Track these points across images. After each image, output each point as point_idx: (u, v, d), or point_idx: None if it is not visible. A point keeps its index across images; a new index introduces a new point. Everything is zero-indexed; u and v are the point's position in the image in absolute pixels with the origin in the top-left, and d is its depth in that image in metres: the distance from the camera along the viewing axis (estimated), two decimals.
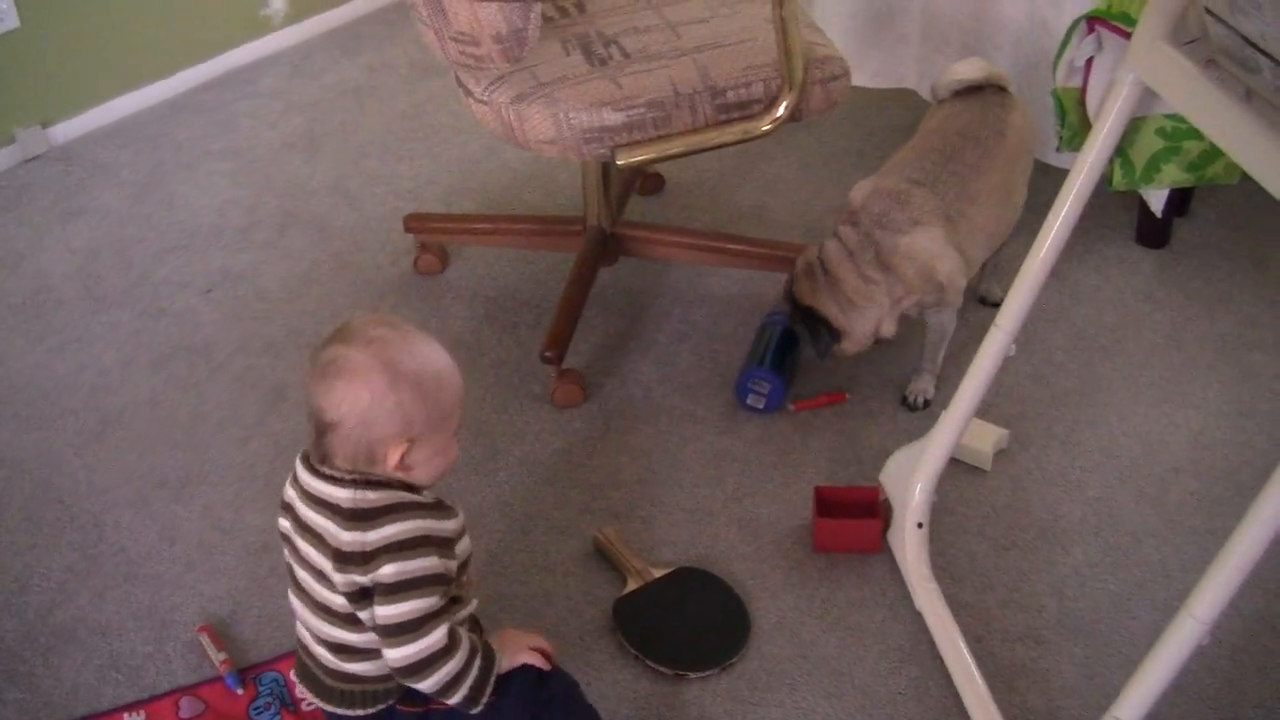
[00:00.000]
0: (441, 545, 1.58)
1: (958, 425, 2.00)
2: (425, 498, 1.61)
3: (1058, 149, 2.55)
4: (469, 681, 1.60)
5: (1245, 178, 2.42)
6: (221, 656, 1.94)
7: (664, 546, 2.12)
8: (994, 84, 2.40)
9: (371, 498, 1.56)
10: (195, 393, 2.44)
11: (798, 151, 3.11)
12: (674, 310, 2.62)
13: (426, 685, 1.58)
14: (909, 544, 2.05)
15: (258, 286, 2.70)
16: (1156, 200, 2.67)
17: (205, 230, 2.87)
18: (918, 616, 2.00)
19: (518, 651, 1.68)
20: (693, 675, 1.91)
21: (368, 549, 1.55)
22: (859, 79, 2.92)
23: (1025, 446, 2.30)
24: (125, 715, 1.88)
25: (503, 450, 2.30)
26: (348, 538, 1.56)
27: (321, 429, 1.57)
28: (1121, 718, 1.60)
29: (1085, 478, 2.25)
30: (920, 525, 2.05)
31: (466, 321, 2.59)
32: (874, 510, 2.10)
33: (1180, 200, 2.79)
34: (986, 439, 2.26)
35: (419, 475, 1.60)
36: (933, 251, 2.20)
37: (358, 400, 1.53)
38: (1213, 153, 2.40)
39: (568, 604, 2.03)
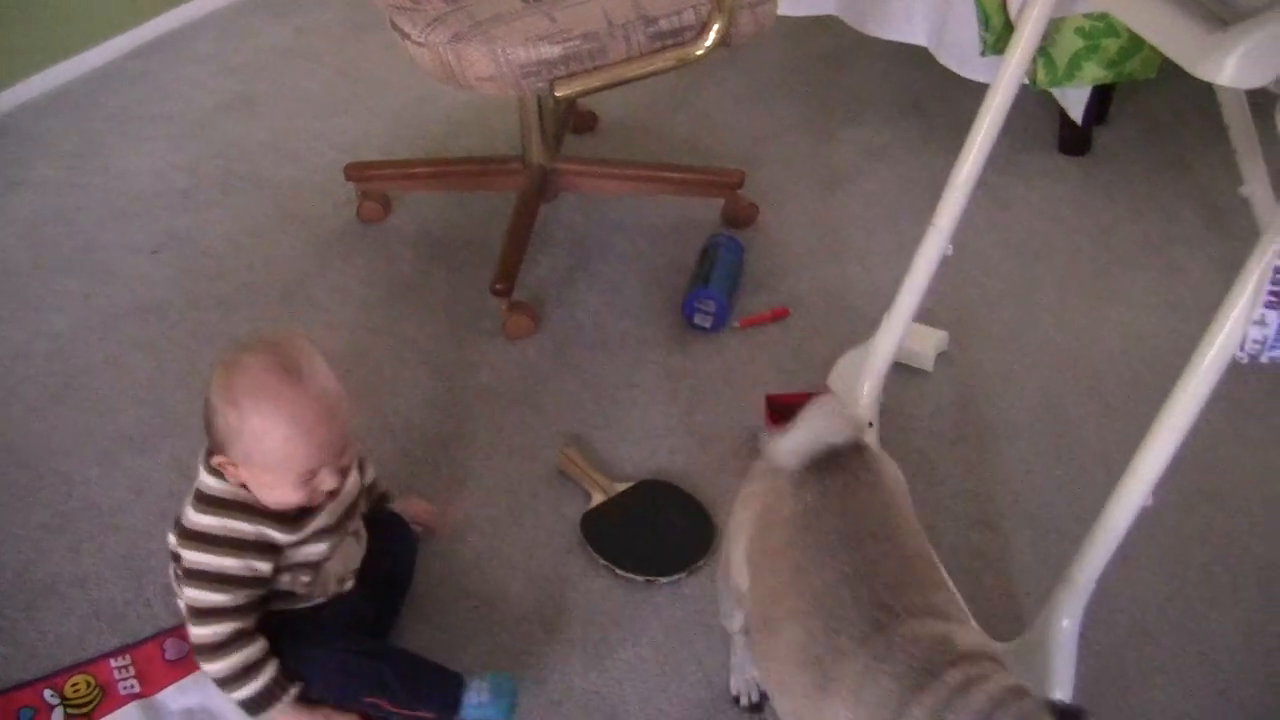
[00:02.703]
0: (256, 550, 1.66)
1: (901, 325, 2.08)
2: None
3: (982, 53, 2.61)
4: (242, 693, 1.69)
5: (1161, 78, 2.52)
6: None
7: (625, 463, 2.18)
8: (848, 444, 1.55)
9: (211, 485, 1.67)
10: (152, 351, 2.46)
11: (727, 84, 3.17)
12: (617, 241, 2.68)
13: (209, 672, 1.70)
14: None
15: (204, 245, 2.72)
16: (1076, 108, 2.75)
17: (147, 194, 2.89)
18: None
19: None
20: (662, 580, 1.98)
21: (185, 528, 1.68)
22: (784, 8, 2.97)
23: (965, 348, 2.39)
24: (111, 661, 1.90)
25: (460, 384, 2.35)
26: (185, 510, 1.69)
27: None
28: (1075, 579, 1.68)
29: (1025, 373, 2.34)
30: (870, 424, 2.12)
31: (414, 264, 2.63)
32: None
33: (1099, 109, 2.88)
34: (928, 342, 2.34)
35: (260, 495, 1.66)
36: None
37: (207, 395, 1.65)
38: (1130, 49, 2.47)
39: (536, 523, 2.09)
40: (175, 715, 1.83)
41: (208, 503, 1.67)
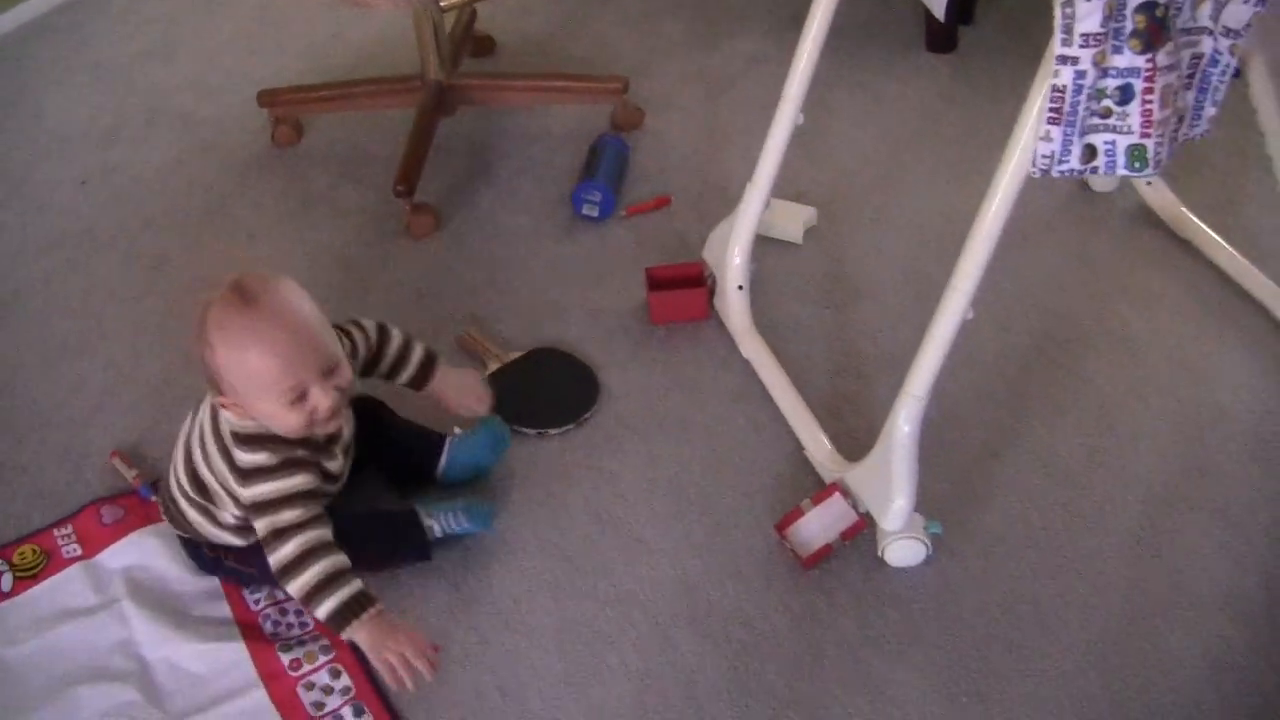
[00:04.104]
0: (314, 468, 1.81)
1: (762, 192, 2.26)
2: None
3: None
4: (325, 606, 1.75)
5: None
6: (134, 473, 2.15)
7: (521, 337, 2.37)
8: None
9: (243, 425, 1.79)
10: (84, 270, 2.63)
11: (620, 8, 3.36)
12: (513, 149, 2.87)
13: (292, 591, 1.77)
14: (732, 304, 2.32)
15: (130, 175, 2.89)
16: (938, 7, 2.94)
17: (75, 135, 3.05)
18: (747, 365, 2.28)
19: (379, 648, 1.76)
20: (552, 431, 2.18)
21: (243, 469, 1.79)
22: None
23: (836, 224, 2.59)
24: (55, 531, 2.08)
25: (370, 280, 2.54)
26: (233, 453, 1.81)
27: None
28: (913, 393, 1.87)
29: (893, 246, 2.54)
30: (741, 287, 2.32)
31: (325, 180, 2.82)
32: (699, 281, 2.37)
33: (963, 9, 3.09)
34: (797, 217, 2.54)
35: (270, 426, 1.78)
36: None
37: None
38: None
39: None
40: (115, 573, 2.01)
41: (249, 441, 1.78)
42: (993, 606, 1.90)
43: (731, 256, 2.31)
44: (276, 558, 1.76)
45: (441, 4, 2.39)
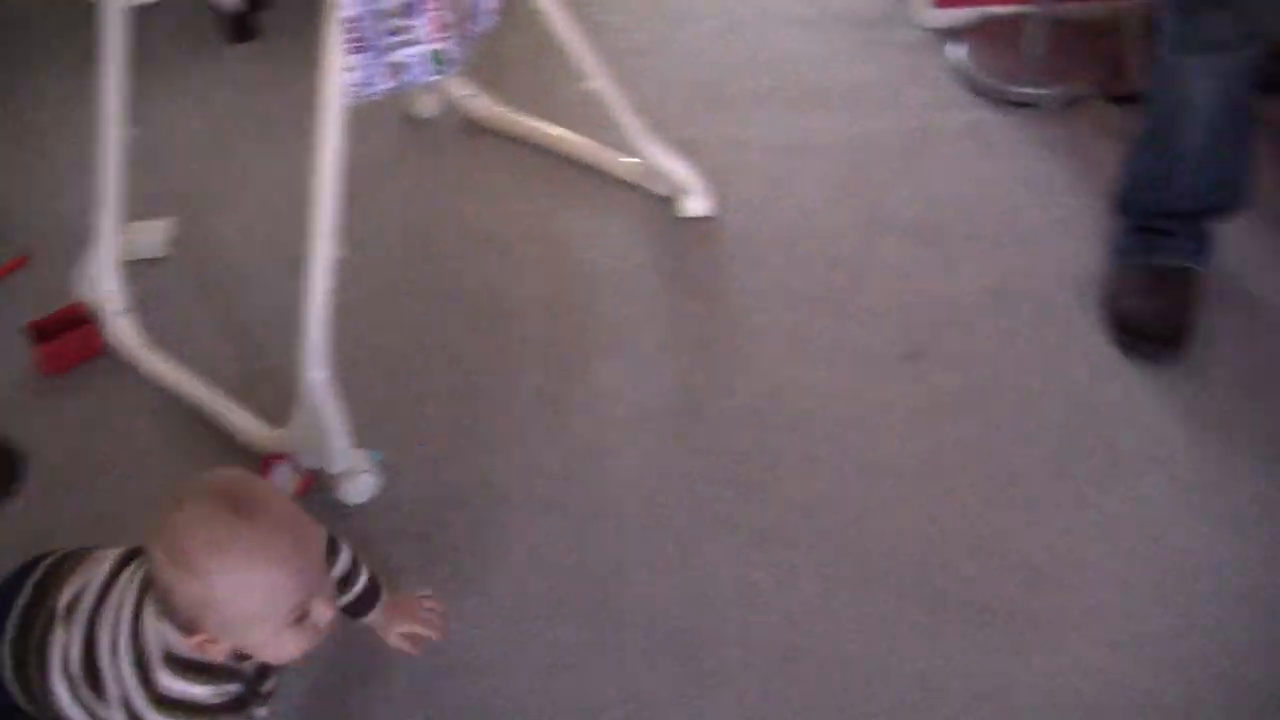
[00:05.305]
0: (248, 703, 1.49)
1: (111, 216, 2.30)
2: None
3: None
4: None
5: None
6: None
7: None
8: None
9: (186, 647, 1.43)
10: None
11: None
12: None
13: None
14: (120, 331, 2.35)
15: None
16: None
17: None
18: (155, 383, 2.31)
19: None
20: None
21: (163, 695, 1.43)
22: None
23: (198, 227, 2.67)
24: None
25: None
26: (154, 675, 1.45)
27: None
28: (313, 340, 2.00)
29: (256, 227, 2.67)
30: (124, 312, 2.34)
31: None
32: (84, 320, 2.37)
33: None
34: (154, 232, 2.60)
35: (259, 656, 1.45)
36: None
37: (151, 574, 1.42)
38: None
39: None
40: None
41: (190, 668, 1.42)
42: (450, 501, 2.07)
43: (104, 286, 2.33)
44: None
45: None
